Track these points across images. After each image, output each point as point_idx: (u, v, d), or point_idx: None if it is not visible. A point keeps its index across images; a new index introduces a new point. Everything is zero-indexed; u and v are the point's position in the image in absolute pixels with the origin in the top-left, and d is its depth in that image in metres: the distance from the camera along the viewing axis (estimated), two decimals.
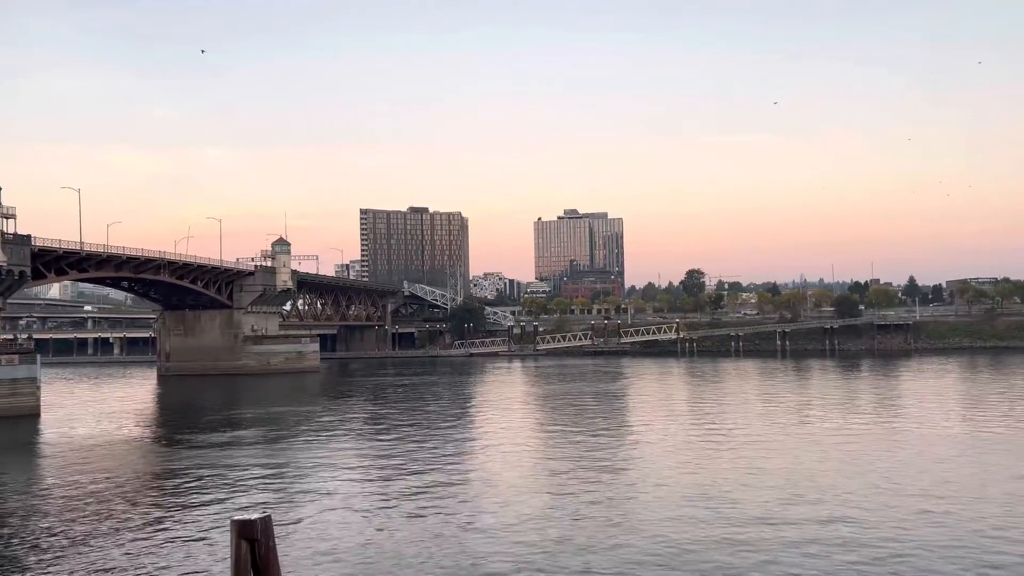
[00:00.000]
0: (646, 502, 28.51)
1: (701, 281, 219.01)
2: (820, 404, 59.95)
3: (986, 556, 21.21)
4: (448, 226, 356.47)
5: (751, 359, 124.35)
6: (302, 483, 33.88)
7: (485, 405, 67.99)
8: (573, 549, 22.74)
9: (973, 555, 21.37)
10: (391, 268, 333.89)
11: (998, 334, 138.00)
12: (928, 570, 20.31)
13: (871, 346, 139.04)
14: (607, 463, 36.60)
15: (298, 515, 27.88)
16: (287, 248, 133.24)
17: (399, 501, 29.65)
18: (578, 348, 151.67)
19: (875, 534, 23.52)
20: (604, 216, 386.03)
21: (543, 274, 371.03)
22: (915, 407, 56.39)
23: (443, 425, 52.86)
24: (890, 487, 29.75)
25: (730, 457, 37.13)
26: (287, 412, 65.19)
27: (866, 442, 40.59)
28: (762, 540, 23.17)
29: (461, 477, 34.27)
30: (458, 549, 23.17)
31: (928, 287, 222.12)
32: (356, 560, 22.49)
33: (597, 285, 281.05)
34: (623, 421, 53.65)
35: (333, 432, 50.98)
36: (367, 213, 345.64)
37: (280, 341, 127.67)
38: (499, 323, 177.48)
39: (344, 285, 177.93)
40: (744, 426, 47.76)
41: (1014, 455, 35.90)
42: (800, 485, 30.47)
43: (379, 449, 43.10)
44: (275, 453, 42.29)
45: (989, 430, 43.89)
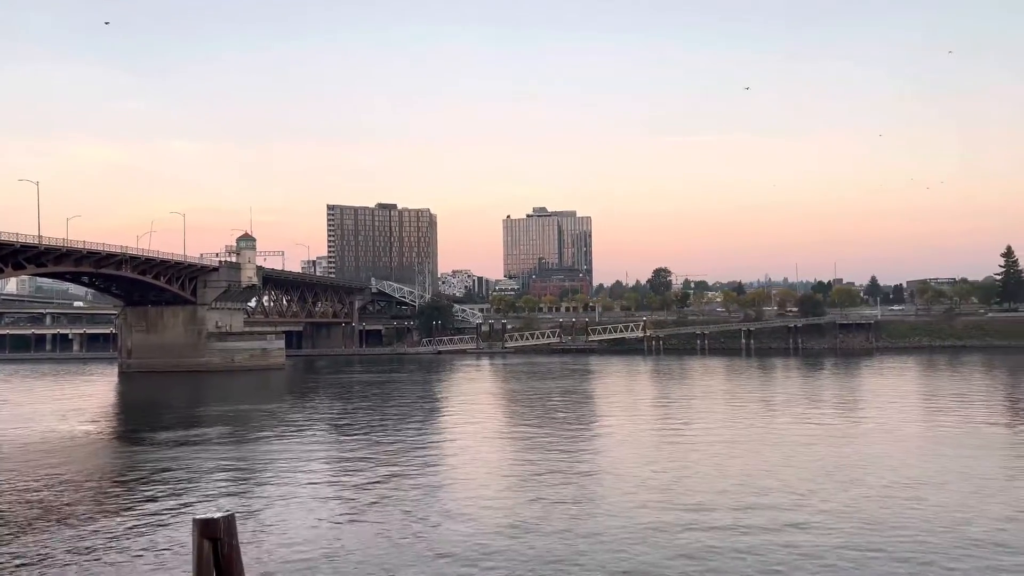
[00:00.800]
0: (613, 500, 28.58)
1: (668, 280, 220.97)
2: (784, 402, 60.76)
3: (950, 551, 21.60)
4: (417, 223, 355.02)
5: (716, 357, 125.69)
6: (266, 481, 33.45)
7: (453, 403, 67.82)
8: (540, 547, 22.71)
9: (936, 551, 21.73)
10: (358, 265, 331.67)
11: (956, 333, 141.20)
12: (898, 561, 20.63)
13: (834, 345, 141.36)
14: (574, 461, 36.69)
15: (262, 513, 27.50)
16: (252, 244, 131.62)
17: (365, 499, 29.40)
18: (546, 346, 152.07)
19: (841, 528, 23.83)
20: (573, 215, 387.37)
21: (512, 272, 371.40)
22: (876, 405, 57.39)
23: (410, 423, 52.60)
24: (853, 483, 30.20)
25: (696, 455, 37.42)
26: (251, 410, 64.37)
27: (829, 440, 41.18)
28: (727, 535, 23.36)
29: (428, 475, 34.10)
30: (424, 547, 23.04)
31: (889, 287, 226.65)
32: (321, 558, 22.24)
33: (565, 283, 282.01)
34: (590, 419, 53.84)
35: (298, 430, 50.43)
36: (334, 209, 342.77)
37: (245, 338, 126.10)
38: (467, 321, 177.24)
39: (310, 282, 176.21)
40: (709, 424, 48.21)
41: (971, 451, 36.63)
42: (763, 481, 30.78)
43: (345, 447, 42.74)
44: (239, 451, 41.71)
45: (947, 428, 44.78)
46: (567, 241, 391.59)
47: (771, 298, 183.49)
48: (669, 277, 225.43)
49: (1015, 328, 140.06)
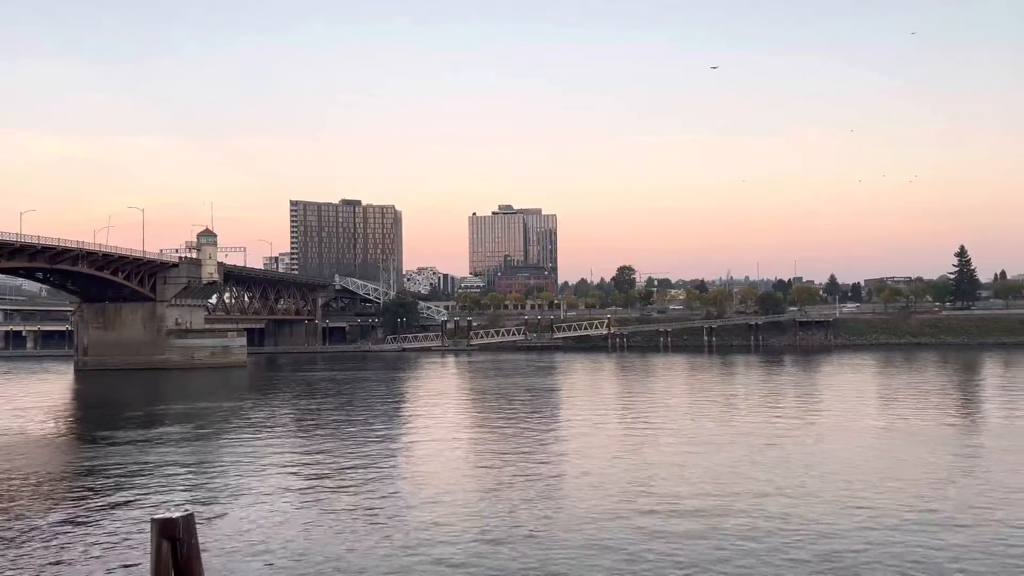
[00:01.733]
0: (579, 497, 28.75)
1: (632, 277, 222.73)
2: (746, 399, 61.69)
3: (908, 538, 22.14)
4: (381, 219, 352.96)
5: (679, 354, 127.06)
6: (227, 480, 33.03)
7: (418, 400, 67.63)
8: (506, 545, 22.77)
9: (897, 543, 22.25)
10: (322, 261, 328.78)
11: (912, 331, 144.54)
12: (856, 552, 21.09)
13: (794, 342, 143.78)
14: (540, 458, 36.84)
15: (223, 513, 27.17)
16: (213, 239, 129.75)
17: (328, 498, 29.19)
18: (511, 343, 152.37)
19: (802, 521, 24.27)
20: (538, 212, 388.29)
21: (477, 269, 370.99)
22: (834, 401, 58.47)
23: (374, 421, 52.32)
24: (813, 477, 30.77)
25: (659, 453, 37.80)
26: (212, 407, 63.49)
27: (789, 435, 41.85)
28: (691, 530, 23.67)
29: (393, 473, 33.97)
30: (389, 546, 22.94)
31: (848, 286, 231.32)
32: (283, 558, 22.05)
33: (531, 281, 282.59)
34: (555, 416, 54.08)
35: (260, 428, 49.88)
36: (297, 205, 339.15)
37: (205, 335, 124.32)
38: (433, 318, 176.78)
39: (273, 278, 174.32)
40: (672, 422, 48.70)
41: (926, 445, 37.54)
42: (726, 476, 31.23)
43: (308, 445, 42.35)
44: (199, 450, 41.13)
45: (904, 422, 45.82)
46: (533, 239, 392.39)
47: (733, 296, 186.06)
48: (633, 275, 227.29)
49: (968, 325, 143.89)
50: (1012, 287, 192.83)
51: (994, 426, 44.77)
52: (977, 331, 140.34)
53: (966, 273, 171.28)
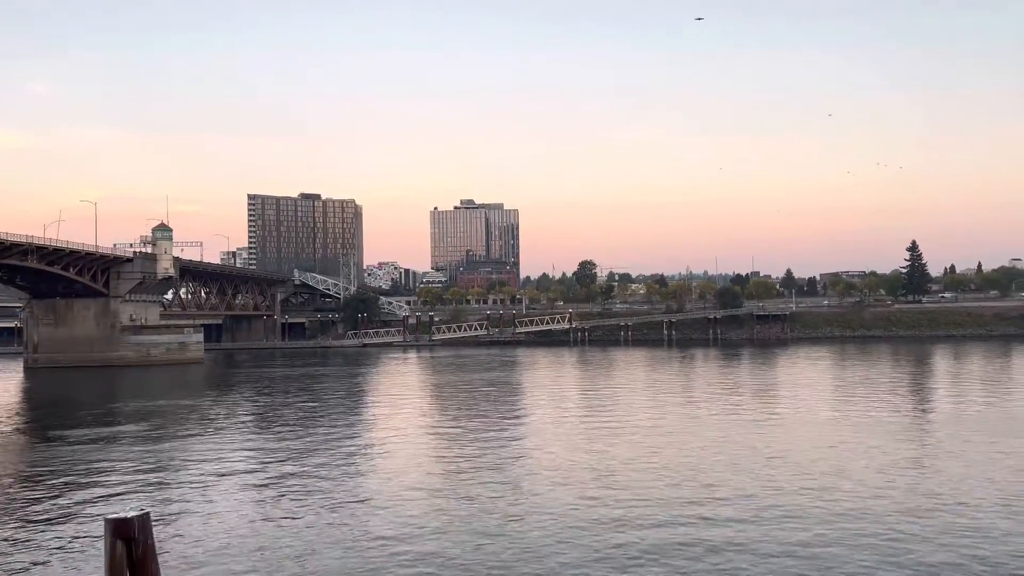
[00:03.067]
0: (541, 495, 28.84)
1: (593, 272, 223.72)
2: (705, 392, 62.48)
3: (864, 526, 22.66)
4: (341, 214, 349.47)
5: (640, 348, 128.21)
6: (184, 479, 32.50)
7: (379, 396, 67.22)
8: (470, 542, 22.76)
9: (852, 532, 22.75)
10: (281, 256, 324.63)
11: (865, 324, 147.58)
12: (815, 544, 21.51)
13: (751, 335, 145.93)
14: (502, 453, 36.94)
15: (180, 512, 26.74)
16: (169, 234, 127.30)
17: (288, 495, 28.88)
18: (473, 338, 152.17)
19: (767, 513, 24.70)
20: (500, 207, 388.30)
21: (439, 264, 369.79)
22: (791, 394, 59.55)
23: (334, 417, 51.88)
24: (773, 468, 31.33)
25: (620, 447, 38.11)
26: (168, 405, 62.36)
27: (748, 428, 42.52)
28: (655, 523, 23.93)
29: (354, 470, 33.71)
30: (350, 544, 22.77)
31: (804, 280, 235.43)
32: (241, 555, 21.77)
33: (493, 275, 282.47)
34: (518, 411, 54.19)
35: (218, 425, 49.12)
36: (255, 199, 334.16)
37: (161, 331, 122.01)
38: (394, 313, 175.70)
39: (230, 273, 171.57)
40: (632, 415, 49.13)
41: (879, 435, 38.45)
42: (688, 469, 31.63)
43: (267, 442, 41.83)
44: (155, 448, 40.36)
45: (858, 414, 46.87)
46: (495, 233, 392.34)
47: (692, 290, 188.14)
48: (594, 270, 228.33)
49: (919, 319, 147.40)
50: (961, 281, 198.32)
51: (946, 416, 46.03)
52: (928, 324, 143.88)
53: (917, 267, 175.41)
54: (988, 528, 22.70)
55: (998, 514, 24.11)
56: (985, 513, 24.22)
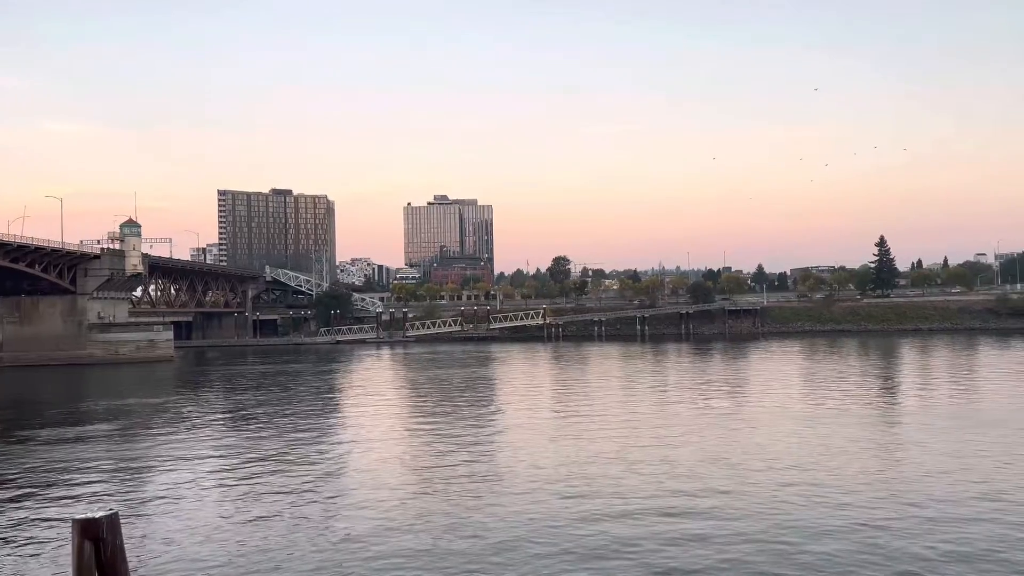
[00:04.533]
0: (516, 493, 28.84)
1: (567, 268, 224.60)
2: (678, 386, 62.94)
3: (828, 522, 22.97)
4: (313, 209, 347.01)
5: (613, 343, 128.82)
6: (154, 478, 32.06)
7: (353, 393, 66.83)
8: (445, 541, 22.68)
9: (816, 524, 23.05)
10: (252, 252, 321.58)
11: (835, 318, 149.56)
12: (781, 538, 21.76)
13: (723, 330, 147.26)
14: (478, 451, 36.89)
15: (150, 512, 26.37)
16: (137, 230, 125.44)
17: (259, 495, 28.57)
18: (448, 334, 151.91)
19: (740, 504, 24.93)
20: (474, 203, 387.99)
21: (413, 260, 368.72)
22: (762, 387, 60.14)
23: (307, 415, 51.47)
24: (746, 460, 31.64)
25: (595, 442, 38.26)
26: (137, 404, 61.46)
27: (721, 422, 42.89)
28: (629, 515, 24.05)
29: (328, 469, 33.40)
30: (323, 545, 22.55)
31: (775, 275, 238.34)
32: (212, 557, 21.50)
33: (467, 271, 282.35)
34: (493, 407, 54.19)
35: (188, 424, 48.49)
36: (226, 194, 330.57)
37: (130, 329, 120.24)
38: (367, 309, 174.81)
39: (200, 270, 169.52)
40: (607, 410, 49.36)
41: (850, 427, 39.01)
42: (661, 462, 31.84)
43: (238, 441, 41.38)
44: (125, 447, 39.77)
45: (829, 406, 47.49)
46: (469, 229, 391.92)
47: (665, 286, 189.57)
48: (568, 265, 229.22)
49: (887, 313, 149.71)
50: (928, 275, 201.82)
51: (915, 408, 46.82)
52: (895, 318, 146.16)
53: (886, 262, 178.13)
54: (958, 514, 23.11)
55: (967, 502, 24.55)
56: (954, 500, 24.66)
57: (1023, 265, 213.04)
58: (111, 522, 11.61)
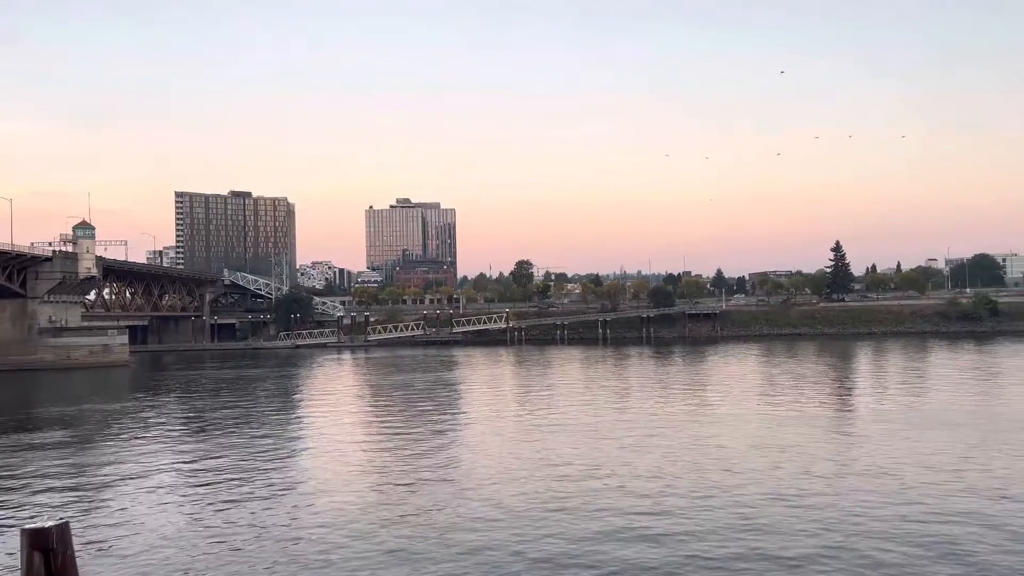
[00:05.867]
0: (480, 498, 28.81)
1: (530, 272, 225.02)
2: (639, 389, 63.45)
3: (784, 522, 23.34)
4: (273, 212, 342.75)
5: (576, 346, 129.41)
6: (107, 486, 31.32)
7: (313, 399, 66.12)
8: (407, 550, 22.54)
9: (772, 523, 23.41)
10: (210, 255, 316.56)
11: (792, 322, 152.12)
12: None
13: (683, 333, 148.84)
14: (440, 457, 36.76)
15: (103, 521, 25.76)
16: (91, 232, 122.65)
17: (217, 504, 28.09)
18: (410, 338, 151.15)
19: (699, 504, 25.20)
20: (437, 206, 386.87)
21: (375, 263, 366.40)
22: (722, 390, 60.94)
23: (267, 421, 50.79)
24: (705, 460, 32.01)
25: (558, 441, 38.38)
26: (90, 410, 60.03)
27: (681, 425, 43.32)
28: (592, 516, 24.17)
29: (286, 477, 32.94)
30: (280, 555, 22.14)
31: (733, 279, 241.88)
32: (167, 567, 21.09)
33: (430, 275, 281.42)
34: (454, 412, 54.04)
35: (143, 431, 47.52)
36: (183, 196, 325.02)
37: (83, 333, 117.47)
38: (328, 313, 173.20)
39: (157, 273, 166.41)
40: (568, 412, 49.54)
41: (806, 428, 39.71)
42: (622, 463, 32.06)
43: (195, 449, 40.64)
44: (77, 455, 38.82)
45: (785, 408, 48.28)
46: (431, 233, 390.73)
47: (626, 290, 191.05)
48: (531, 269, 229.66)
49: (842, 316, 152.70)
50: (881, 280, 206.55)
51: (868, 410, 47.84)
52: (850, 321, 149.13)
53: (841, 267, 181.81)
54: (911, 512, 23.67)
55: (919, 501, 25.16)
56: (906, 498, 25.26)
57: (972, 270, 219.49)
58: (61, 532, 11.34)
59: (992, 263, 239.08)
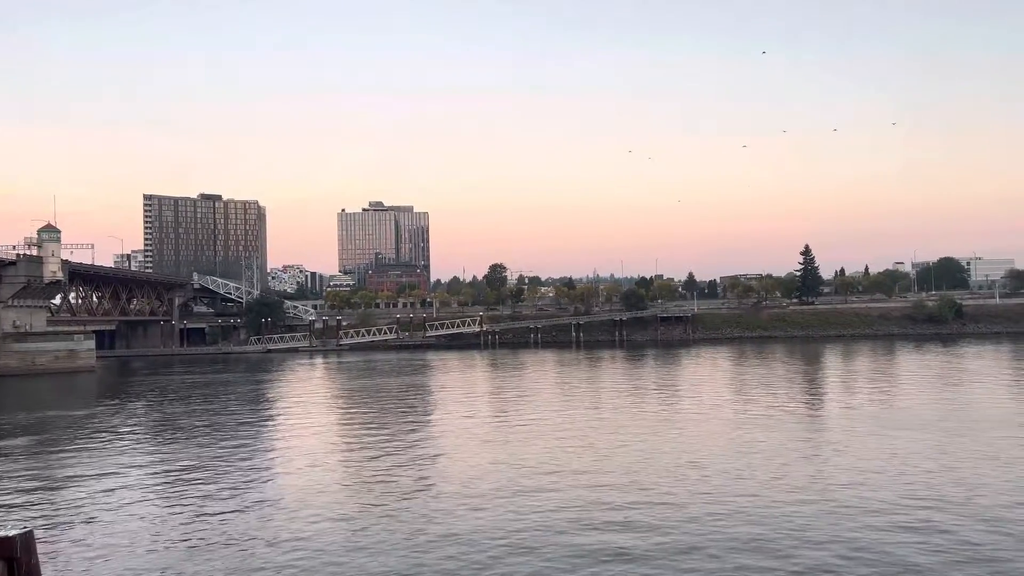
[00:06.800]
0: (455, 502, 28.74)
1: (503, 275, 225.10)
2: (612, 392, 63.70)
3: (754, 518, 23.58)
4: (244, 215, 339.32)
5: (549, 350, 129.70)
6: (74, 494, 30.76)
7: (284, 404, 65.51)
8: (379, 558, 22.42)
9: (744, 520, 23.64)
10: (179, 259, 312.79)
11: (762, 324, 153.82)
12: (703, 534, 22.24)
13: (655, 336, 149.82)
14: (414, 461, 36.63)
15: (69, 529, 25.31)
16: (56, 235, 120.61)
17: (186, 511, 27.71)
18: (383, 342, 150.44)
19: (672, 507, 25.36)
20: (410, 209, 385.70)
21: (347, 267, 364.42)
22: (693, 392, 61.44)
23: (237, 427, 50.21)
24: (678, 463, 32.24)
25: (532, 445, 38.44)
26: (55, 416, 58.97)
27: (655, 427, 43.60)
28: (564, 518, 24.22)
29: (256, 484, 32.57)
30: (250, 566, 21.90)
31: (705, 282, 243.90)
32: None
33: (403, 278, 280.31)
34: (428, 416, 53.91)
35: (111, 438, 46.74)
36: (152, 199, 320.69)
37: (49, 338, 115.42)
38: (300, 317, 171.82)
39: (124, 277, 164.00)
40: (542, 415, 49.63)
41: (777, 430, 40.18)
42: (595, 468, 32.18)
43: (164, 456, 40.09)
44: (43, 462, 38.10)
45: (756, 410, 48.79)
46: (404, 236, 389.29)
47: (599, 293, 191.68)
48: (505, 273, 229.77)
49: (812, 319, 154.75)
50: (850, 283, 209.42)
51: (837, 411, 48.50)
52: (819, 324, 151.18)
53: (810, 271, 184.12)
54: (880, 513, 24.05)
55: (888, 501, 25.57)
56: (873, 500, 25.66)
57: (937, 273, 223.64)
58: (26, 540, 11.16)
59: (957, 266, 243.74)
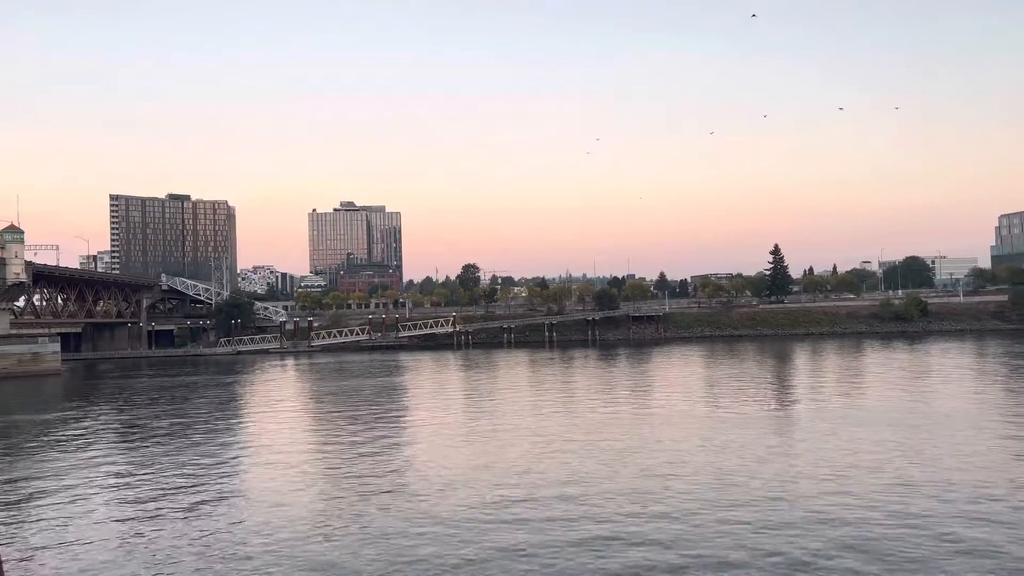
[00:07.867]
0: (429, 505, 28.64)
1: (476, 276, 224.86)
2: (585, 391, 63.89)
3: (725, 514, 23.79)
4: (213, 215, 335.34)
5: (522, 350, 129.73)
6: (40, 501, 30.16)
7: (255, 407, 64.78)
8: (352, 567, 22.27)
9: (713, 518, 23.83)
10: (147, 260, 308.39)
11: (732, 324, 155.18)
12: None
13: (628, 336, 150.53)
14: (387, 464, 36.44)
15: (34, 537, 24.80)
16: (20, 236, 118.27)
17: (156, 518, 27.30)
18: (355, 343, 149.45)
19: (650, 507, 25.48)
20: (382, 209, 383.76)
21: (319, 267, 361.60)
22: (664, 391, 61.82)
23: (207, 432, 49.56)
24: (653, 463, 32.42)
25: (506, 446, 38.42)
26: (19, 421, 57.75)
27: (627, 426, 43.80)
28: (539, 522, 24.24)
29: (227, 491, 32.08)
30: (220, 569, 21.66)
31: (676, 282, 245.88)
32: None
33: (375, 279, 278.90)
34: (401, 417, 53.63)
35: (77, 444, 45.88)
36: (118, 199, 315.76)
37: (12, 341, 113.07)
38: (270, 319, 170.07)
39: (91, 278, 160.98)
40: (516, 416, 49.64)
41: (748, 428, 40.58)
42: (567, 469, 32.25)
43: (131, 461, 39.43)
44: (7, 468, 37.29)
45: (727, 408, 49.23)
46: (377, 236, 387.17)
47: (571, 293, 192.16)
48: (478, 273, 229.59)
49: (781, 318, 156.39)
50: (818, 282, 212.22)
51: (807, 408, 49.07)
52: (789, 323, 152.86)
53: (780, 270, 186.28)
54: (854, 508, 24.39)
55: (860, 496, 25.95)
56: (847, 494, 26.02)
57: (903, 272, 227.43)
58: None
59: (922, 265, 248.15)
